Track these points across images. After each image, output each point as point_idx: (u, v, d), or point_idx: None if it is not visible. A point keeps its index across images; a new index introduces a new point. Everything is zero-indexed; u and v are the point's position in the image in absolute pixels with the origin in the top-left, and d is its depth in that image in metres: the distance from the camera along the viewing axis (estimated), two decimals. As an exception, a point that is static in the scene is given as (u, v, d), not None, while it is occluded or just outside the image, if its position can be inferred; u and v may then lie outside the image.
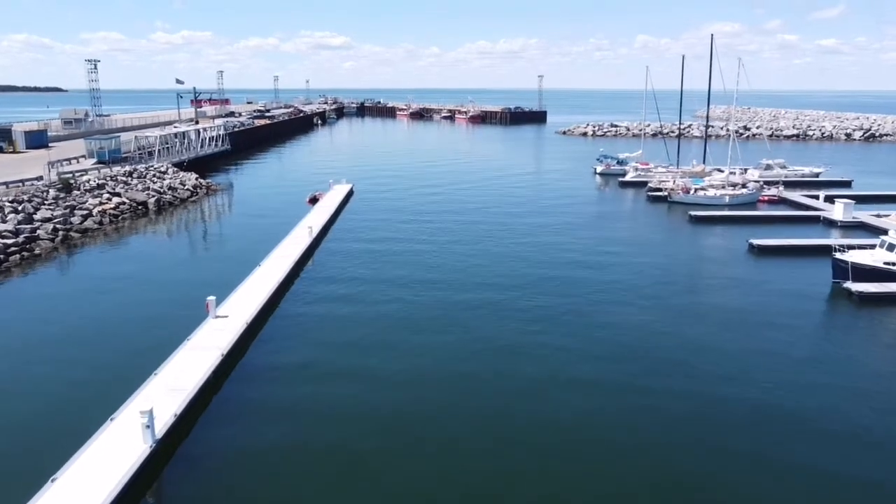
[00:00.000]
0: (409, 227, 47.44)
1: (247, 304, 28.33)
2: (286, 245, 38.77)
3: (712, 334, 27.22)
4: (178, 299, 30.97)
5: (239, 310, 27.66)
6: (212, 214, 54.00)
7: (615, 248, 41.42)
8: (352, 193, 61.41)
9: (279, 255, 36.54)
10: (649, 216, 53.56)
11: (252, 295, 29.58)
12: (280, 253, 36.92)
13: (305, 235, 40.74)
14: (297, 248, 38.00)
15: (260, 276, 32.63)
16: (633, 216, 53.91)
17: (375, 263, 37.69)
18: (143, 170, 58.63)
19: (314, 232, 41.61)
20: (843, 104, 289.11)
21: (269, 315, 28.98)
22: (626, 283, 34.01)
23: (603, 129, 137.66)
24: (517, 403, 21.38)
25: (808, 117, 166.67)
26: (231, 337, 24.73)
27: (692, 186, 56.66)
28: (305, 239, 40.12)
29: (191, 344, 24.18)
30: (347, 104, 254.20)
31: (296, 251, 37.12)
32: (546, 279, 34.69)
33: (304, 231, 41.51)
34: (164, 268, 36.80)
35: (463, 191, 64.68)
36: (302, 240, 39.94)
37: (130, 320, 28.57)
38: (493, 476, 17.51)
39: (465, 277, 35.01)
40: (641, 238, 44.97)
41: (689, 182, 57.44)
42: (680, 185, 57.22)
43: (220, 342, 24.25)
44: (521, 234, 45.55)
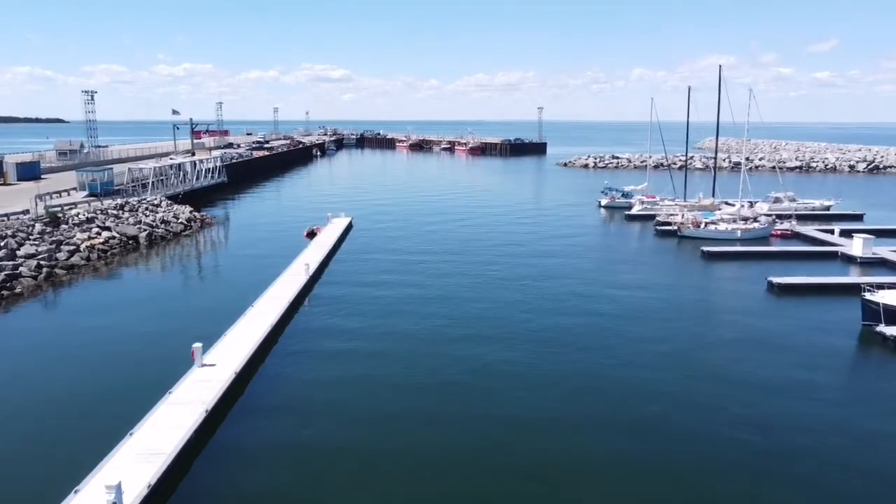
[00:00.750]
0: (410, 265, 45.44)
1: (236, 351, 26.16)
2: (281, 284, 36.72)
3: (741, 385, 25.03)
4: (162, 345, 28.78)
5: (227, 357, 25.49)
6: (205, 249, 52.04)
7: (627, 289, 39.35)
8: (350, 227, 59.59)
9: (273, 295, 34.45)
10: (660, 252, 51.64)
11: (242, 340, 27.41)
12: (274, 293, 34.83)
13: (301, 273, 38.72)
14: (292, 287, 35.94)
15: (252, 318, 30.50)
16: (643, 252, 51.96)
17: (374, 304, 35.61)
18: (135, 203, 56.83)
19: (311, 269, 39.59)
20: (840, 136, 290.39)
21: (260, 363, 26.79)
22: (642, 330, 31.90)
23: (604, 161, 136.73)
24: (523, 486, 19.15)
25: (809, 149, 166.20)
26: (217, 390, 22.51)
27: (703, 220, 54.87)
28: (301, 277, 38.09)
29: (173, 398, 21.98)
30: (347, 135, 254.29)
31: (290, 291, 35.04)
32: (555, 325, 32.60)
33: (301, 268, 39.50)
34: (150, 309, 34.62)
35: (464, 225, 62.86)
36: (298, 278, 37.90)
37: (108, 370, 26.30)
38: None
39: (467, 324, 32.88)
40: (654, 276, 42.94)
41: (700, 216, 55.66)
42: (690, 218, 55.43)
43: (205, 396, 22.04)
44: (526, 272, 43.55)
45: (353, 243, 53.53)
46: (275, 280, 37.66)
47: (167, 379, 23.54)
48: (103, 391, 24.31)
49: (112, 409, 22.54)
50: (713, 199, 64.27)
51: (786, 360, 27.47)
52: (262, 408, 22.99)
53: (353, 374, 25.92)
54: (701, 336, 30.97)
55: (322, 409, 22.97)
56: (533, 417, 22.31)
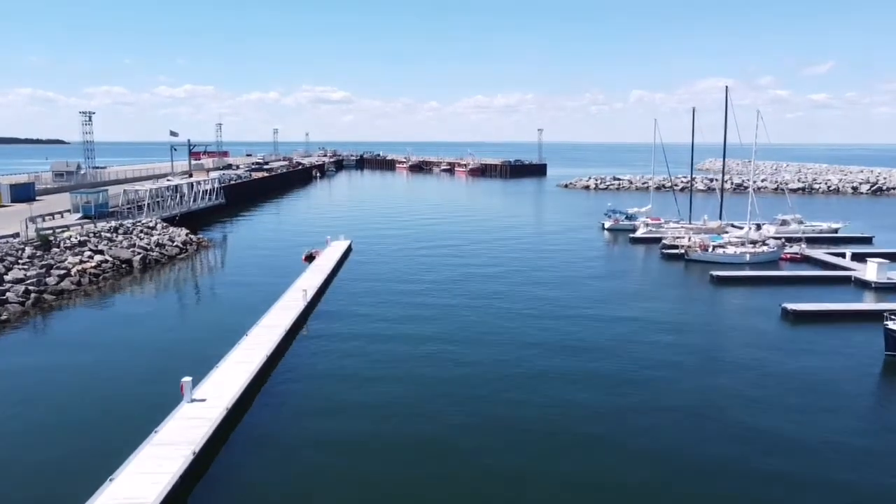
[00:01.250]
0: (410, 290, 44.08)
1: (228, 385, 24.69)
2: (277, 311, 35.30)
3: (763, 434, 23.55)
4: (150, 378, 27.29)
5: (218, 392, 24.02)
6: (200, 273, 50.67)
7: (635, 315, 37.97)
8: (350, 250, 58.30)
9: (269, 323, 33.02)
10: (667, 276, 50.29)
11: (234, 373, 25.95)
12: (270, 321, 33.40)
13: (299, 299, 37.33)
14: (289, 314, 34.52)
15: (246, 348, 29.05)
16: (650, 276, 50.60)
17: (374, 332, 34.20)
18: (129, 225, 55.56)
19: (308, 295, 38.19)
20: (838, 157, 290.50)
21: (254, 397, 25.32)
22: (652, 360, 30.48)
23: (605, 183, 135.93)
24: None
25: (810, 170, 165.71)
26: (206, 429, 21.02)
27: (710, 244, 53.61)
28: (299, 303, 36.69)
29: (158, 437, 20.50)
30: (347, 157, 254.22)
31: (287, 319, 33.61)
32: (562, 353, 31.19)
33: (298, 294, 38.11)
34: (139, 338, 33.13)
35: (466, 248, 61.57)
36: (295, 304, 36.50)
37: (90, 406, 24.74)
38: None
39: (471, 354, 31.47)
40: (662, 302, 41.54)
41: (707, 239, 54.41)
42: (697, 241, 54.17)
43: (193, 435, 20.56)
44: (530, 297, 42.19)
45: (352, 267, 52.20)
46: (271, 307, 36.25)
47: (154, 416, 22.08)
48: (84, 430, 22.76)
49: (92, 450, 21.04)
50: (720, 221, 63.06)
51: (810, 400, 25.89)
52: (254, 447, 21.49)
53: (353, 411, 24.44)
54: (715, 369, 29.51)
55: (320, 449, 21.48)
56: (540, 449, 20.85)
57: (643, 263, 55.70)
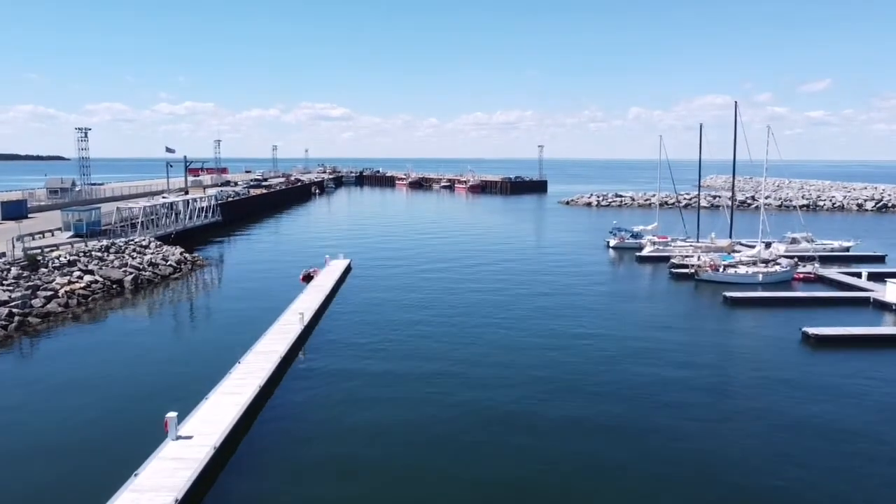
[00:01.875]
0: (411, 313, 42.34)
1: (217, 420, 22.89)
2: (272, 336, 33.53)
3: (789, 458, 21.76)
4: (133, 411, 25.46)
5: (206, 429, 22.20)
6: (194, 294, 48.91)
7: (644, 339, 36.21)
8: (349, 270, 56.60)
9: (263, 349, 31.25)
10: (677, 297, 48.56)
11: (224, 407, 24.14)
12: (264, 346, 31.63)
13: (296, 323, 35.56)
14: (285, 339, 32.75)
15: (238, 377, 27.27)
16: (659, 298, 48.86)
17: (376, 358, 32.43)
18: (122, 244, 53.91)
19: (306, 318, 36.44)
20: (837, 174, 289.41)
21: (245, 433, 23.49)
22: (665, 387, 28.69)
23: (607, 200, 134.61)
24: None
25: (813, 187, 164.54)
26: (191, 472, 19.20)
27: (721, 263, 51.94)
28: (295, 328, 34.92)
29: (138, 483, 18.68)
30: (346, 173, 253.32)
31: (282, 345, 31.83)
32: (570, 379, 29.41)
33: (295, 318, 36.34)
34: (124, 366, 31.25)
35: (467, 267, 59.82)
36: (291, 329, 34.73)
37: (65, 445, 22.75)
38: None
39: (477, 383, 29.70)
40: (673, 326, 39.75)
41: (718, 258, 52.73)
42: (707, 261, 52.50)
43: (176, 480, 18.74)
44: (535, 316, 40.49)
45: (351, 288, 50.47)
46: (266, 331, 34.47)
47: (135, 455, 20.26)
48: (54, 472, 20.82)
49: (61, 498, 19.17)
50: (730, 240, 61.41)
51: (837, 426, 24.19)
52: (243, 492, 19.66)
53: (351, 454, 22.62)
54: (735, 402, 27.69)
55: (316, 473, 19.66)
56: (549, 477, 19.03)
57: (651, 284, 54.00)
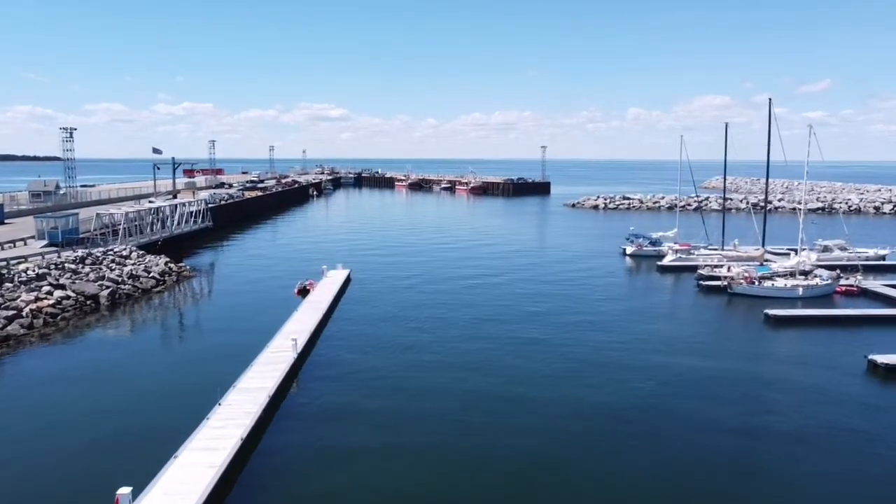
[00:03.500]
0: (416, 331, 37.88)
1: (186, 490, 18.30)
2: (260, 368, 28.91)
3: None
4: (80, 481, 20.78)
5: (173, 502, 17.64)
6: (176, 312, 44.24)
7: (680, 368, 31.61)
8: (349, 281, 52.01)
9: (249, 385, 26.66)
10: (710, 315, 43.95)
11: (197, 470, 19.48)
12: (250, 381, 27.02)
13: (288, 350, 30.94)
14: (274, 372, 28.15)
15: (216, 426, 22.66)
16: (688, 313, 44.27)
17: (378, 391, 27.92)
18: (99, 254, 49.27)
19: (300, 344, 31.82)
20: (839, 174, 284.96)
21: (225, 497, 18.95)
22: (707, 426, 24.17)
23: (615, 202, 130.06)
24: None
25: (824, 189, 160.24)
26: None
27: (756, 275, 47.36)
28: (288, 356, 30.33)
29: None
30: (344, 174, 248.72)
31: (272, 379, 27.20)
32: (595, 411, 24.90)
33: (287, 343, 31.67)
34: (78, 412, 26.25)
35: (473, 279, 54.92)
36: (283, 358, 30.13)
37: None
38: None
39: (492, 416, 25.20)
40: (712, 349, 35.17)
41: (753, 270, 48.12)
42: (742, 273, 47.89)
43: (124, 588, 14.19)
44: (553, 333, 36.08)
45: (351, 302, 45.89)
46: (254, 360, 29.85)
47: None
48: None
49: None
50: (761, 248, 56.78)
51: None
52: None
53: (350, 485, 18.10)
54: (803, 455, 23.21)
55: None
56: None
57: (677, 298, 49.44)
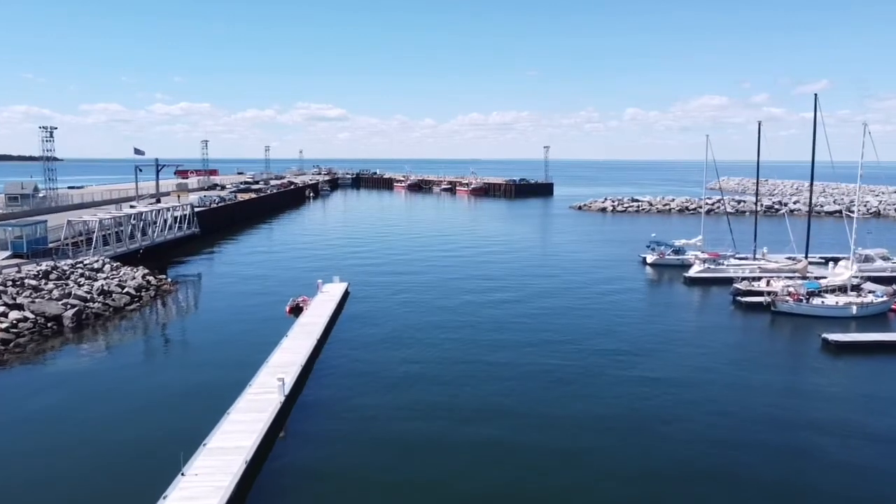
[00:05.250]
0: (424, 359, 32.87)
1: None
2: (239, 417, 23.70)
3: None
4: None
5: None
6: (147, 338, 38.50)
7: (728, 407, 26.63)
8: (346, 296, 46.84)
9: (223, 443, 21.48)
10: (753, 337, 38.80)
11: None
12: (225, 439, 21.82)
13: (274, 391, 25.77)
14: (255, 425, 22.94)
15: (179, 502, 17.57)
16: (727, 337, 38.90)
17: (381, 439, 22.87)
18: (67, 267, 44.07)
19: (288, 383, 26.65)
20: (840, 175, 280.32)
21: None
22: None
23: (623, 205, 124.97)
24: None
25: (836, 190, 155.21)
26: None
27: (804, 291, 42.23)
28: (273, 399, 25.18)
29: None
30: (342, 175, 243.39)
31: (251, 435, 22.01)
32: (629, 454, 19.84)
33: (273, 383, 26.41)
34: (18, 480, 21.51)
35: (482, 291, 49.65)
36: (267, 402, 24.97)
37: None
38: None
39: (514, 480, 20.13)
40: (764, 383, 29.95)
41: (802, 286, 42.95)
42: (787, 289, 42.73)
43: None
44: (577, 373, 30.98)
45: (350, 321, 40.76)
46: (232, 407, 24.67)
47: None
48: None
49: None
50: (803, 258, 51.56)
51: None
52: None
53: None
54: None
55: None
56: None
57: (712, 316, 44.22)
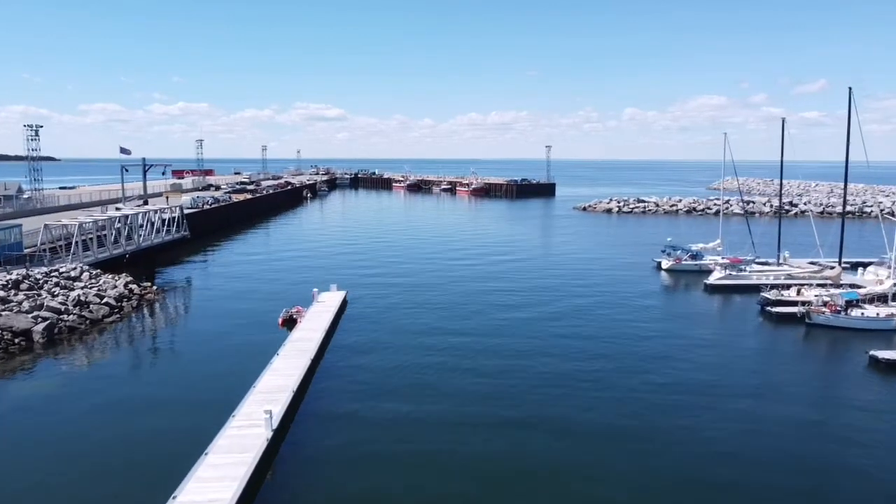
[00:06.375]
0: (430, 382, 29.45)
1: None
2: (217, 461, 20.23)
3: None
4: None
5: None
6: (124, 357, 34.74)
7: (769, 441, 23.29)
8: (344, 305, 43.45)
9: (196, 498, 18.07)
10: (788, 354, 35.35)
11: None
12: (200, 493, 18.43)
13: (260, 427, 22.32)
14: (236, 472, 19.47)
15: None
16: (760, 353, 35.59)
17: (378, 481, 19.43)
18: (40, 276, 40.61)
19: (276, 415, 23.23)
20: (840, 174, 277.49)
21: None
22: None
23: (629, 206, 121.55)
24: None
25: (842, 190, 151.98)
26: None
27: (841, 301, 38.85)
28: (259, 437, 21.75)
29: None
30: (340, 175, 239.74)
31: (230, 485, 18.61)
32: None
33: (258, 415, 22.91)
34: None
35: (489, 303, 46.06)
36: (251, 440, 21.53)
37: None
38: None
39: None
40: (809, 413, 26.68)
41: (838, 295, 39.56)
42: (823, 298, 39.40)
43: None
44: (594, 378, 27.55)
45: (348, 336, 37.30)
46: (209, 446, 21.27)
47: None
48: None
49: None
50: (837, 265, 48.19)
51: None
52: None
53: None
54: None
55: None
56: None
57: (738, 329, 40.70)
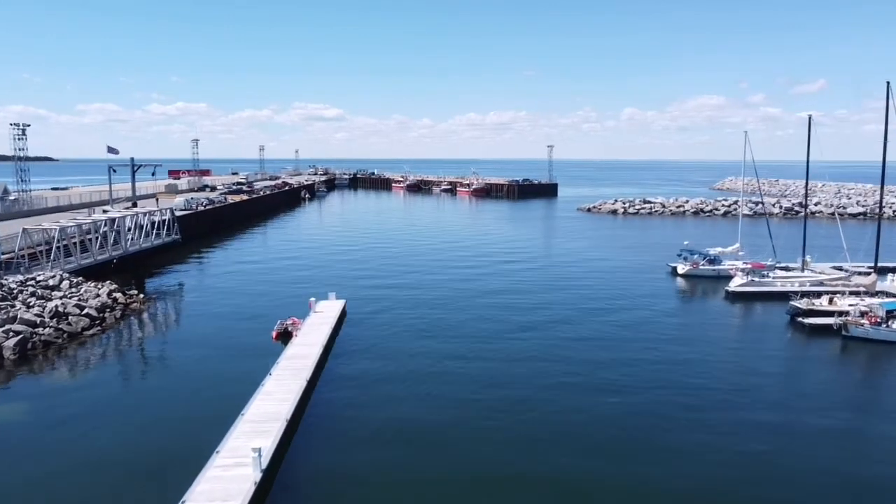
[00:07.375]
0: (437, 403, 26.49)
1: None
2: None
3: None
4: None
5: None
6: (103, 374, 31.78)
7: (816, 485, 20.40)
8: (343, 316, 40.50)
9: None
10: (824, 372, 32.33)
11: None
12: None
13: (247, 466, 19.35)
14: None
15: None
16: (791, 371, 32.65)
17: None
18: (15, 285, 37.61)
19: (266, 453, 20.25)
20: (840, 174, 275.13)
21: None
22: None
23: (635, 207, 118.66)
24: None
25: (853, 190, 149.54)
26: None
27: (882, 312, 35.90)
28: (248, 477, 18.79)
29: None
30: (339, 175, 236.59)
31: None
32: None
33: (245, 452, 19.95)
34: None
35: (500, 310, 43.12)
36: (236, 486, 18.54)
37: None
38: None
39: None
40: (857, 446, 23.85)
41: (880, 306, 36.57)
42: (860, 308, 36.50)
43: None
44: (612, 401, 24.64)
45: (348, 350, 34.37)
46: (189, 490, 18.31)
47: None
48: None
49: None
50: (872, 272, 45.12)
51: None
52: None
53: None
54: None
55: None
56: None
57: (767, 342, 37.56)
